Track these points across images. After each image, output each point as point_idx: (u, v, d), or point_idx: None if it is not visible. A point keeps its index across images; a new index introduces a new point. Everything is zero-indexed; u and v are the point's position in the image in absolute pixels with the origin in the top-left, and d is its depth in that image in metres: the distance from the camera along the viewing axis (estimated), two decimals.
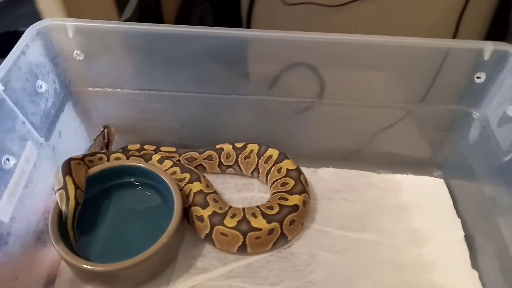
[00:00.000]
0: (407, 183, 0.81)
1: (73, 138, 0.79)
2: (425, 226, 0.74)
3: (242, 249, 0.68)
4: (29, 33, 0.67)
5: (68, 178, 0.65)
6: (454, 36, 1.03)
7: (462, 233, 0.72)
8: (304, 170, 0.79)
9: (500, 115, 0.68)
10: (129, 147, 0.82)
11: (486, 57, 0.68)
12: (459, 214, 0.76)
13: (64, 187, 0.65)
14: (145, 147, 0.81)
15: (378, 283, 0.66)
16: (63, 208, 0.64)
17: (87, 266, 0.60)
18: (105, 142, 0.79)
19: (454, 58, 0.70)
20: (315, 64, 0.73)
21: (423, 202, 0.77)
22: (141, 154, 0.80)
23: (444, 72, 0.71)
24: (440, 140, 0.81)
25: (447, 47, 0.69)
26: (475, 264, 0.69)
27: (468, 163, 0.76)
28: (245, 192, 0.79)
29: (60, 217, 0.64)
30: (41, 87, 0.68)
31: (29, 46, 0.65)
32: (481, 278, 0.67)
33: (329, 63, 0.73)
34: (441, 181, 0.82)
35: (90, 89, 0.77)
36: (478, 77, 0.71)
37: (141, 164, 0.72)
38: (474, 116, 0.74)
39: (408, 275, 0.67)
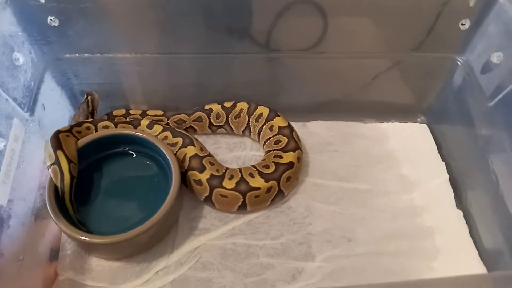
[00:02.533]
0: (393, 130, 0.84)
1: (56, 108, 0.76)
2: (413, 172, 0.77)
3: (242, 208, 0.70)
4: None
5: (59, 153, 0.64)
6: None
7: (446, 176, 0.77)
8: (294, 124, 0.80)
9: (483, 61, 0.70)
10: (114, 112, 0.80)
11: (471, 3, 0.69)
12: (443, 158, 0.80)
13: (57, 162, 0.63)
14: (131, 111, 0.80)
15: (373, 230, 0.70)
16: (59, 183, 0.63)
17: (93, 240, 0.61)
18: (89, 110, 0.76)
19: (438, 5, 0.70)
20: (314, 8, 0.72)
21: (409, 148, 0.81)
22: (127, 119, 0.78)
23: (430, 20, 0.72)
24: (424, 87, 0.83)
25: None
26: (459, 205, 0.74)
27: (452, 108, 0.78)
28: (237, 151, 0.80)
29: (56, 192, 0.63)
30: (18, 59, 0.64)
31: None
32: (465, 217, 0.72)
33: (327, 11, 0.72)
34: (425, 126, 0.85)
35: (67, 55, 0.73)
36: (462, 24, 0.71)
37: (132, 132, 0.71)
38: (458, 62, 0.76)
39: (401, 220, 0.71)
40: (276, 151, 0.74)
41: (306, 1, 0.71)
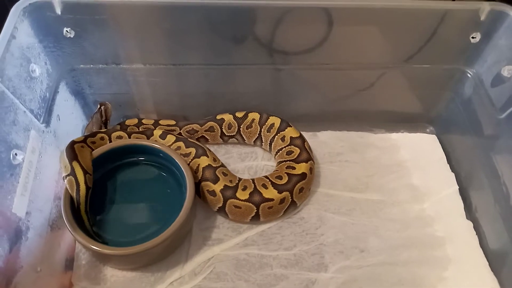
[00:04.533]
0: (402, 141, 0.85)
1: (70, 118, 0.76)
2: (423, 182, 0.78)
3: (255, 219, 0.70)
4: (15, 13, 0.62)
5: (75, 164, 0.64)
6: None
7: (456, 187, 0.78)
8: (304, 134, 0.80)
9: (494, 74, 0.71)
10: (127, 122, 0.80)
11: (482, 17, 0.70)
12: (452, 169, 0.81)
13: (73, 173, 0.63)
14: (144, 121, 0.80)
15: (385, 240, 0.71)
16: (74, 195, 0.63)
17: (108, 251, 0.61)
18: (103, 120, 0.77)
19: (450, 19, 0.71)
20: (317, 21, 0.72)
21: (419, 159, 0.82)
22: (140, 129, 0.78)
23: (441, 32, 0.73)
24: (433, 98, 0.84)
25: (444, 9, 0.70)
26: (469, 215, 0.75)
27: (461, 119, 0.79)
28: (249, 161, 0.81)
29: (71, 203, 0.64)
30: (35, 71, 0.64)
31: (18, 28, 0.61)
32: (475, 227, 0.73)
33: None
34: (434, 137, 0.86)
35: (82, 66, 0.74)
36: (473, 37, 0.72)
37: (146, 142, 0.72)
38: (468, 74, 0.77)
39: (412, 230, 0.72)
40: (288, 161, 0.74)
41: (313, 13, 0.71)
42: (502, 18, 0.69)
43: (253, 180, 0.72)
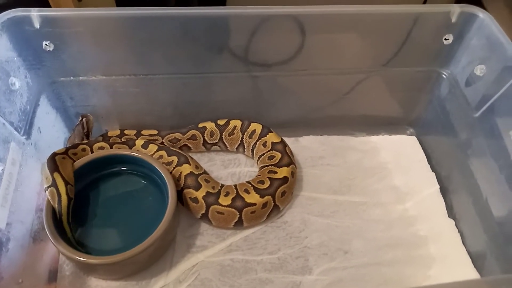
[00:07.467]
0: (383, 143, 0.86)
1: (51, 131, 0.76)
2: (405, 183, 0.79)
3: (238, 224, 0.71)
4: None
5: (56, 175, 0.64)
6: (425, 2, 1.06)
7: (437, 186, 0.79)
8: (286, 139, 0.81)
9: (468, 74, 0.73)
10: (109, 133, 0.81)
11: (454, 19, 0.72)
12: (433, 169, 0.82)
13: (54, 184, 0.64)
14: (126, 132, 0.81)
15: (369, 241, 0.71)
16: (56, 206, 0.63)
17: (92, 260, 0.61)
18: (84, 132, 0.77)
19: (423, 22, 0.73)
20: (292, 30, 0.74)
21: (399, 160, 0.83)
22: (122, 139, 0.79)
23: (414, 36, 0.74)
24: (411, 100, 0.85)
25: (416, 12, 0.72)
26: (451, 214, 0.76)
27: (439, 120, 0.81)
28: (232, 167, 0.81)
29: (53, 214, 0.64)
30: (14, 84, 0.65)
31: None
32: (457, 225, 0.74)
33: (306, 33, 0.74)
34: (414, 138, 0.87)
35: (62, 79, 0.74)
36: (446, 39, 0.74)
37: (127, 152, 0.72)
38: (444, 75, 0.79)
39: (395, 230, 0.73)
40: (270, 166, 0.75)
41: (290, 20, 0.73)
42: (472, 19, 0.71)
43: (235, 185, 0.72)
